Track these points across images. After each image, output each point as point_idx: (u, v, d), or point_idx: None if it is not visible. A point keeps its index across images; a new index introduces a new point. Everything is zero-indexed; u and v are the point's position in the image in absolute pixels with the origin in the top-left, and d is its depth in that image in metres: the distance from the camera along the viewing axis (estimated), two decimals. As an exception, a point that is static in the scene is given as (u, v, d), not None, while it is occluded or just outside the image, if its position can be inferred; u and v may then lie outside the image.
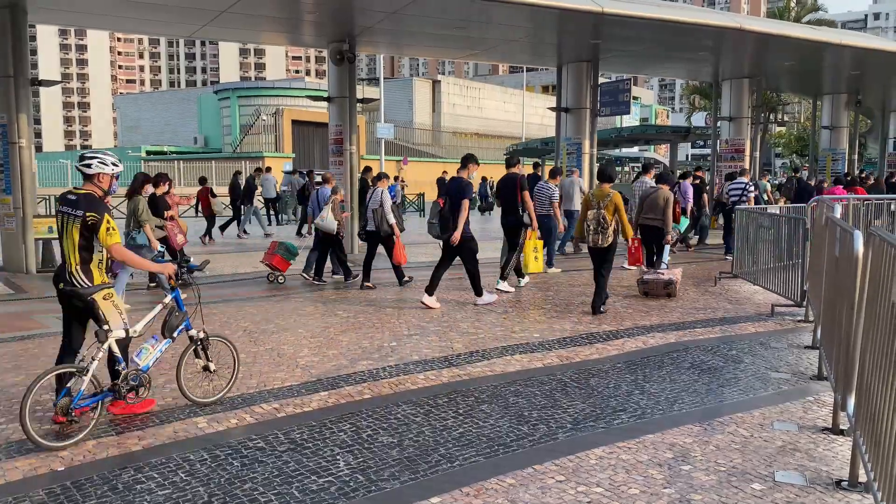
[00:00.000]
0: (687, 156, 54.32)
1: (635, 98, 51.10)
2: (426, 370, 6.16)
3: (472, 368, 6.23)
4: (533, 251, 10.25)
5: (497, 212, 12.80)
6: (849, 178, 17.86)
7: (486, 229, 18.91)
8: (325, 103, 15.52)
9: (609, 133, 28.04)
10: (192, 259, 5.71)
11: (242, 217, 18.80)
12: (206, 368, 5.36)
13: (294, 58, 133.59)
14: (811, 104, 27.85)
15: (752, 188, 14.08)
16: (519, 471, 4.11)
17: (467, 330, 7.69)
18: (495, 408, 5.21)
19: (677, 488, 3.90)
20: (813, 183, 18.33)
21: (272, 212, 22.97)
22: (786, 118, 52.39)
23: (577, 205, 13.24)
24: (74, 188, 4.84)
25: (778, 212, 11.60)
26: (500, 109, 60.97)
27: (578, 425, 4.86)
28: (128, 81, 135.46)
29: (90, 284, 4.68)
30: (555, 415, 5.06)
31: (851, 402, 4.04)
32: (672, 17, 13.93)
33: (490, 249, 13.02)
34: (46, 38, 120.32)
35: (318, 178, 13.23)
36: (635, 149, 38.17)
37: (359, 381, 5.85)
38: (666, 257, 10.79)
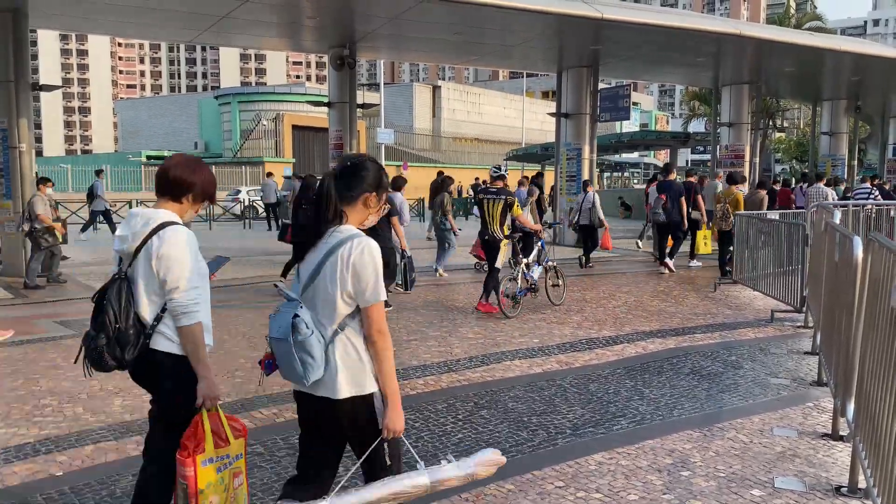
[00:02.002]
0: (687, 161, 54.33)
1: (635, 104, 51.22)
2: (425, 375, 6.15)
3: (471, 374, 6.23)
4: (703, 238, 13.27)
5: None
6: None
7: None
8: (325, 108, 15.55)
9: (609, 138, 28.13)
10: None
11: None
12: (555, 285, 9.43)
13: (295, 63, 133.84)
14: (811, 110, 27.88)
15: (877, 193, 15.24)
16: (518, 476, 4.10)
17: (466, 335, 7.69)
18: (494, 413, 5.20)
19: (677, 494, 3.90)
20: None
21: (272, 216, 22.97)
22: (785, 124, 52.47)
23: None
24: (486, 185, 9.22)
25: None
26: (501, 115, 61.05)
27: (578, 431, 4.86)
28: (128, 86, 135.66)
29: (501, 237, 8.87)
30: (554, 420, 5.05)
31: (851, 407, 4.03)
32: (672, 23, 13.96)
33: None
34: (47, 43, 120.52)
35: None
36: (635, 154, 38.24)
37: (358, 386, 5.84)
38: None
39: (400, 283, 9.45)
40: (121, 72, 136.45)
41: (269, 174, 24.43)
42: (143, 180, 39.31)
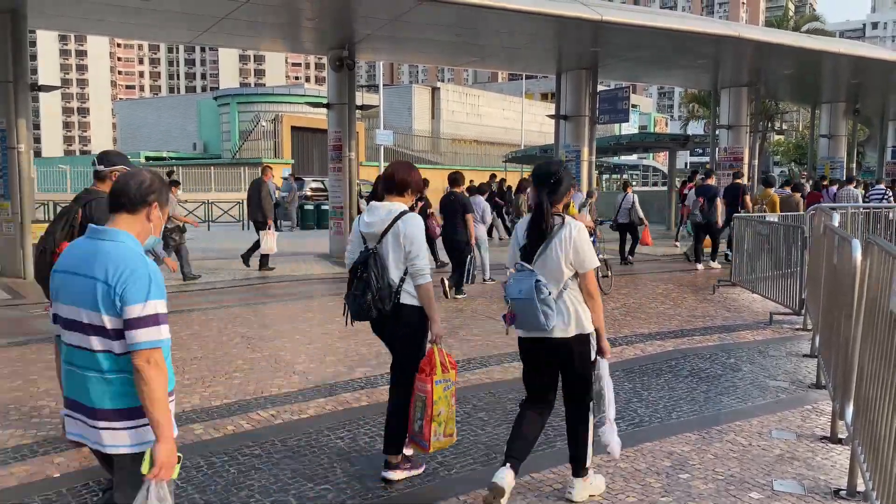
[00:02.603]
0: (686, 164, 54.39)
1: (634, 106, 51.25)
2: (424, 377, 6.14)
3: (469, 375, 6.22)
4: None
5: None
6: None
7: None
8: (324, 110, 15.54)
9: (608, 140, 28.12)
10: None
11: None
12: (604, 276, 8.97)
13: (294, 64, 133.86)
14: (809, 113, 27.91)
15: (890, 193, 16.47)
16: (516, 478, 4.09)
17: (465, 337, 7.68)
18: (493, 415, 5.20)
19: (675, 497, 3.89)
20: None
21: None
22: (784, 126, 52.51)
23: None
24: None
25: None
26: (500, 116, 61.01)
27: (576, 433, 4.85)
28: (127, 87, 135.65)
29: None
30: (552, 422, 5.03)
31: (850, 410, 4.03)
32: (670, 25, 13.97)
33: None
34: (46, 44, 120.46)
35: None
36: (634, 156, 38.26)
37: (356, 387, 5.84)
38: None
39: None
40: (120, 72, 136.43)
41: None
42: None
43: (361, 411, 5.25)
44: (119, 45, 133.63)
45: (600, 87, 18.64)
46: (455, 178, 10.31)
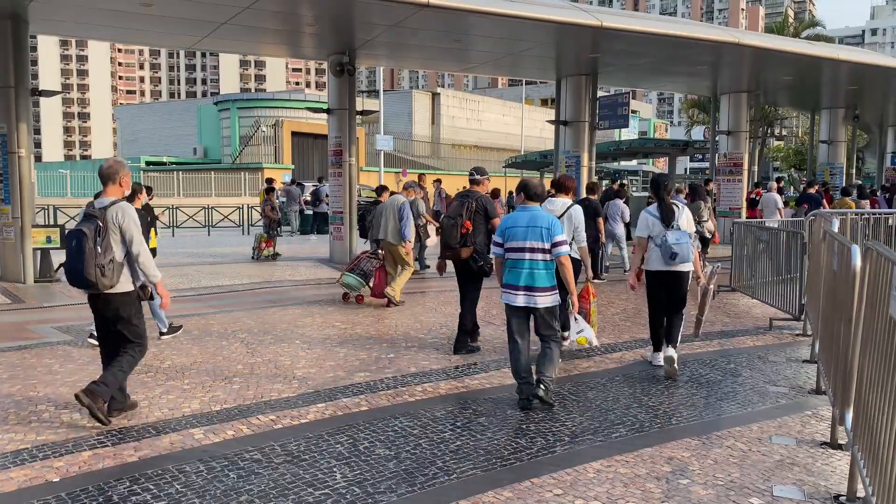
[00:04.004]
0: (686, 169, 54.43)
1: (634, 111, 51.27)
2: (424, 382, 6.14)
3: (469, 381, 6.22)
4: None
5: None
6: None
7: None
8: (324, 115, 15.55)
9: (608, 146, 28.10)
10: None
11: None
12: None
13: (294, 70, 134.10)
14: (809, 118, 27.95)
15: None
16: (517, 484, 4.09)
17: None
18: (493, 420, 5.19)
19: (675, 502, 3.89)
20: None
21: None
22: (784, 132, 52.57)
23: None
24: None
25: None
26: (500, 122, 61.09)
27: (576, 438, 4.85)
28: (128, 92, 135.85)
29: None
30: (553, 428, 5.04)
31: (849, 416, 4.03)
32: (670, 31, 14.00)
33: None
34: (47, 49, 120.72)
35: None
36: (634, 162, 38.26)
37: (356, 392, 5.83)
38: None
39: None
40: (120, 77, 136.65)
41: (269, 180, 24.40)
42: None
43: (361, 416, 5.25)
44: (120, 51, 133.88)
45: (600, 93, 18.67)
46: (591, 187, 11.80)
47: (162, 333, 7.70)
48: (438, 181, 23.21)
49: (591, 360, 6.95)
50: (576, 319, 6.25)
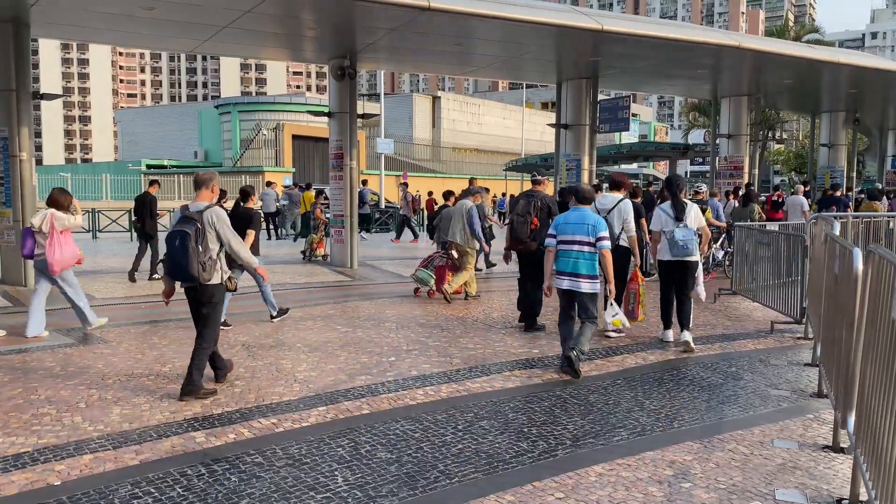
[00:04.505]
0: (686, 172, 54.47)
1: (634, 115, 51.32)
2: (425, 385, 6.14)
3: (471, 384, 6.21)
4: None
5: None
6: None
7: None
8: (325, 118, 15.57)
9: (608, 149, 28.13)
10: None
11: None
12: None
13: (295, 73, 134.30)
14: (809, 122, 27.97)
15: None
16: (518, 487, 4.09)
17: (466, 345, 7.67)
18: (495, 424, 5.19)
19: (677, 506, 3.88)
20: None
21: (271, 226, 22.96)
22: (784, 136, 52.60)
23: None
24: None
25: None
26: (500, 125, 61.18)
27: (578, 442, 4.85)
28: (129, 95, 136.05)
29: None
30: (554, 431, 5.04)
31: (852, 419, 4.02)
32: (671, 34, 14.01)
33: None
34: (48, 52, 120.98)
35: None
36: (634, 165, 38.30)
37: (357, 396, 5.83)
38: None
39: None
40: (121, 81, 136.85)
41: (269, 183, 24.44)
42: (142, 189, 39.31)
43: (362, 420, 5.24)
44: (121, 54, 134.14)
45: (600, 96, 18.68)
46: (634, 192, 12.21)
47: (273, 316, 8.91)
48: (405, 184, 23.99)
49: (593, 364, 6.94)
50: (612, 304, 6.88)
